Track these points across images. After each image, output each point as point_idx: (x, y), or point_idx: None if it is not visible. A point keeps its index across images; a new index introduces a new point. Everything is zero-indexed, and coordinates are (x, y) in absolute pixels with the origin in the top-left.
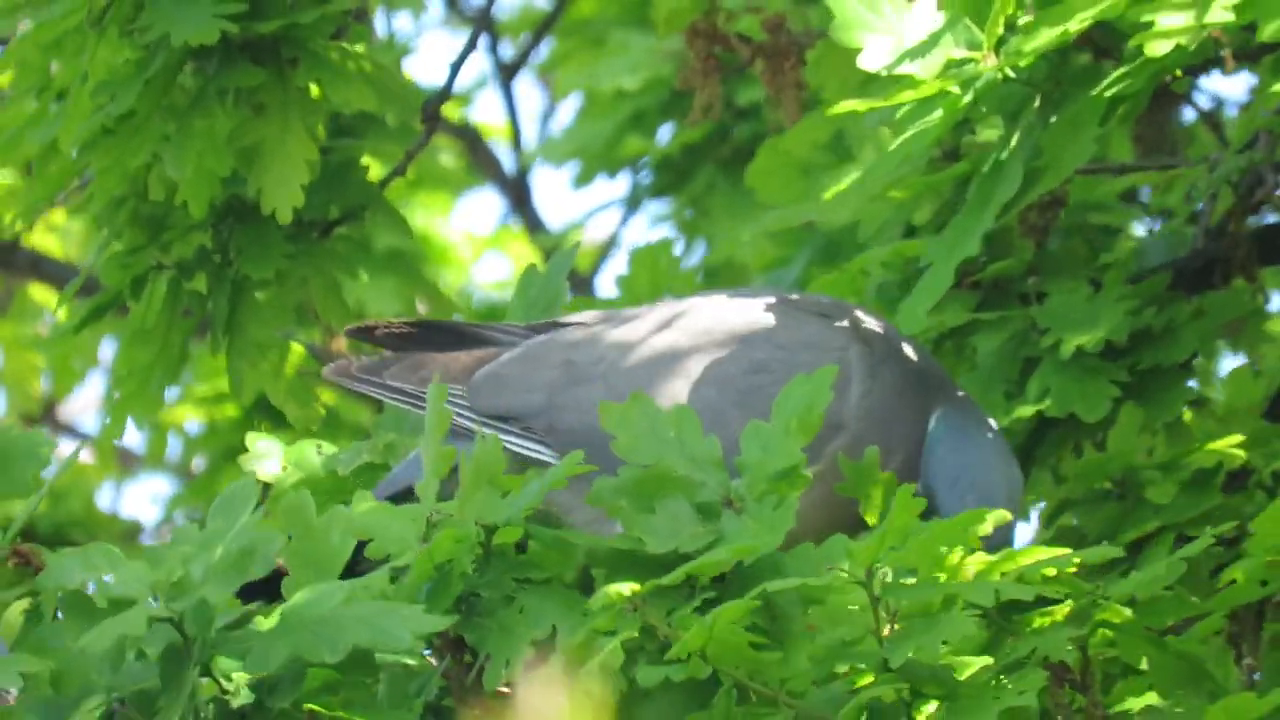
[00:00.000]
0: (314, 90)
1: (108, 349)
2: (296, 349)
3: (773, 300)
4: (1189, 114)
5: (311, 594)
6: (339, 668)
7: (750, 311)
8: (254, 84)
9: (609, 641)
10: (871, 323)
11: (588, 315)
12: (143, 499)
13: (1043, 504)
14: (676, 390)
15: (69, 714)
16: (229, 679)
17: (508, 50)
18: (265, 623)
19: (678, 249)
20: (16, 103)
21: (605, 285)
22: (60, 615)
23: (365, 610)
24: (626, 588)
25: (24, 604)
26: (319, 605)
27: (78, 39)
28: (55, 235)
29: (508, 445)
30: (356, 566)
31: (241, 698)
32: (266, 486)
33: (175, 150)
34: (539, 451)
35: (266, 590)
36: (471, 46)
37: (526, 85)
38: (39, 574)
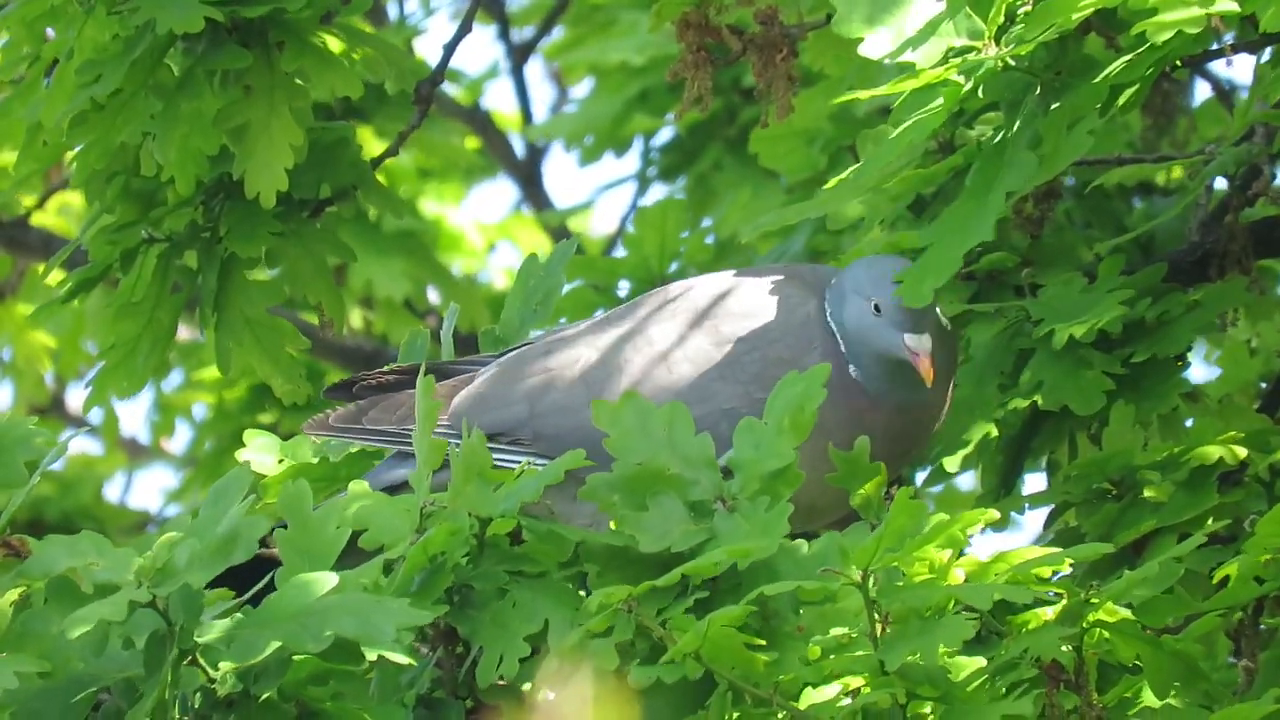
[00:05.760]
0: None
1: None
2: (286, 325)
3: (729, 275)
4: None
5: (299, 583)
6: (325, 655)
7: (711, 289)
8: (241, 67)
9: (603, 643)
10: (822, 272)
11: (554, 329)
12: (152, 490)
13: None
14: (657, 376)
15: (55, 702)
16: (215, 668)
17: (519, 37)
18: (252, 612)
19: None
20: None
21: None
22: (46, 601)
23: (351, 601)
24: (622, 591)
25: (14, 594)
26: (305, 594)
27: (65, 15)
28: (67, 215)
29: (499, 462)
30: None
31: (227, 686)
32: (261, 478)
33: (161, 130)
34: (531, 463)
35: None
36: (466, 29)
37: (537, 73)
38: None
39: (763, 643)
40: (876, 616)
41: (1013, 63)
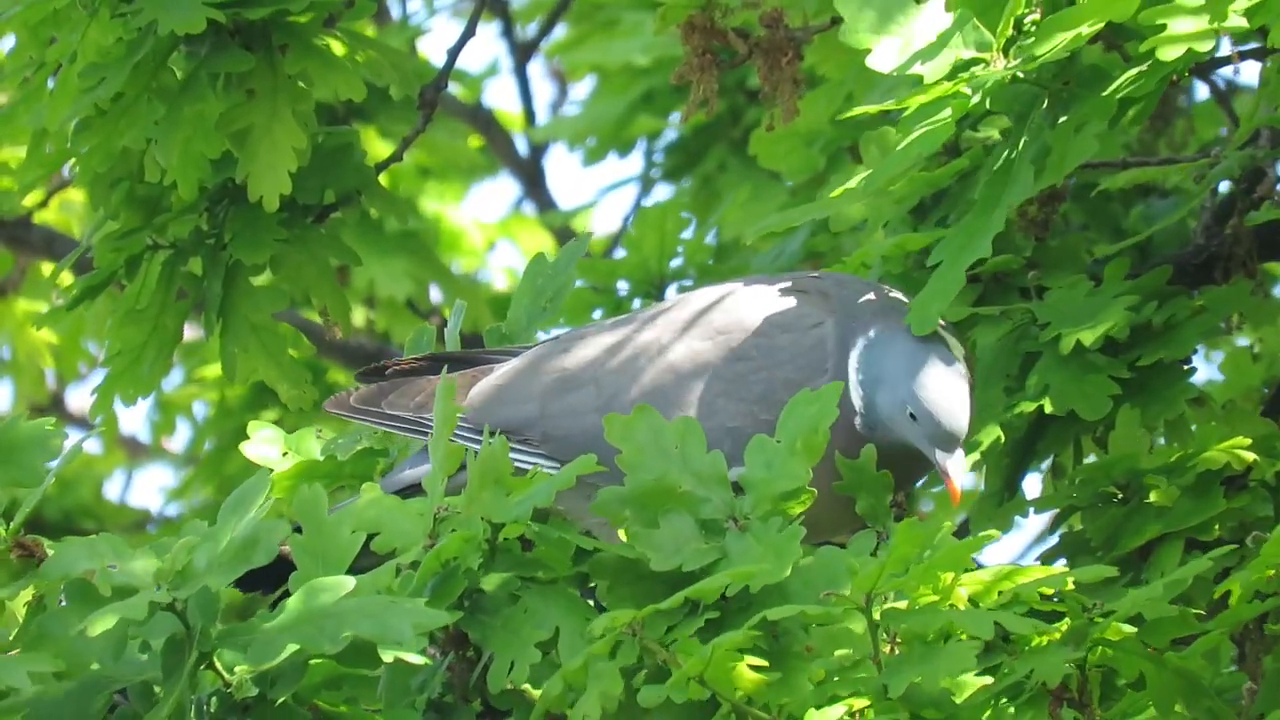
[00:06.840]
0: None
1: None
2: (289, 330)
3: (751, 287)
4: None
5: (315, 586)
6: (341, 658)
7: (728, 302)
8: (244, 70)
9: (608, 666)
10: (849, 288)
11: (578, 328)
12: (151, 488)
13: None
14: (664, 387)
15: (70, 705)
16: (231, 671)
17: (521, 35)
18: (269, 616)
19: (688, 232)
20: (9, 81)
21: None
22: (64, 603)
23: (369, 604)
24: (627, 615)
25: (28, 595)
26: (322, 597)
27: (69, 18)
28: (69, 213)
29: None
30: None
31: (244, 690)
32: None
33: (164, 134)
34: (538, 464)
35: (271, 578)
36: (470, 33)
37: (539, 72)
38: (41, 565)
39: (766, 664)
40: (884, 638)
41: (1021, 75)
